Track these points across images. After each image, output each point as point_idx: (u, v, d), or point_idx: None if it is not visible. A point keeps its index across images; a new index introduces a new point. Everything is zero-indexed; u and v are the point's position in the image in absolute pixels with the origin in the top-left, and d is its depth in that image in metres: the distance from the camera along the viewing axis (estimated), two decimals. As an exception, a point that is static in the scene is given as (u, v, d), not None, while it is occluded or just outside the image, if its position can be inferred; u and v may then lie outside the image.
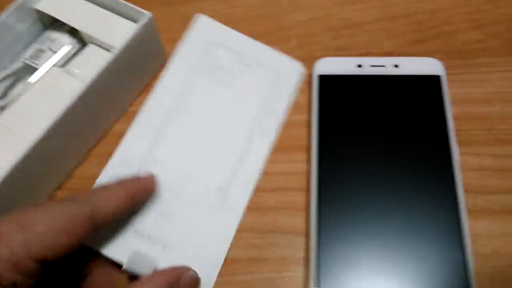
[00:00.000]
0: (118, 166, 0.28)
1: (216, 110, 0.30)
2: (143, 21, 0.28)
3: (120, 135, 0.31)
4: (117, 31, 0.30)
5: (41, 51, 0.31)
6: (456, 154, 0.27)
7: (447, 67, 0.30)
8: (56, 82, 0.29)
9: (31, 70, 0.30)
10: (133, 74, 0.31)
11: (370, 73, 0.30)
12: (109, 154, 0.30)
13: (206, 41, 0.32)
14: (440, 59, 0.30)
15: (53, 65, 0.30)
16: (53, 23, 0.32)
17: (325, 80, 0.30)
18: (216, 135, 0.29)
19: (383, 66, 0.30)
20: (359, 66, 0.30)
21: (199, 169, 0.28)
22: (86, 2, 0.31)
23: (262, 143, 0.29)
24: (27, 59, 0.30)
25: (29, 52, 0.31)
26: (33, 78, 0.29)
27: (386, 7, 0.34)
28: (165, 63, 0.33)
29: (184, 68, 0.31)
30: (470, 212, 0.26)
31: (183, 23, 0.34)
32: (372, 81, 0.30)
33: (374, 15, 0.34)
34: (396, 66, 0.30)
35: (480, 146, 0.28)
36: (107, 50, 0.30)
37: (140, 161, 0.28)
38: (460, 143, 0.28)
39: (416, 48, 0.32)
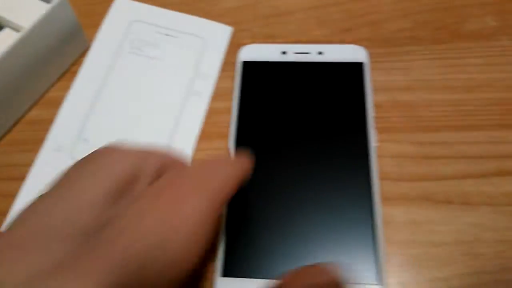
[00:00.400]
0: (51, 152, 0.28)
1: (146, 83, 0.30)
2: (55, 1, 0.27)
3: (35, 122, 0.30)
4: (32, 13, 0.28)
5: (-48, 35, 0.29)
6: (373, 141, 0.26)
7: (374, 55, 0.30)
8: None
9: None
10: (47, 58, 0.29)
11: (294, 60, 0.29)
12: (22, 142, 0.29)
13: (126, 20, 0.33)
14: (367, 47, 0.30)
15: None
16: (-32, 6, 0.31)
17: (248, 66, 0.29)
18: (149, 105, 0.30)
19: (307, 53, 0.30)
20: (284, 53, 0.30)
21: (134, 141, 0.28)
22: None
23: (196, 104, 0.30)
24: None
25: None
26: None
27: (318, -5, 0.34)
28: (87, 48, 0.32)
29: (106, 49, 0.32)
30: (387, 199, 0.26)
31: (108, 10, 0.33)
32: (295, 68, 0.29)
33: (305, 3, 0.33)
34: (320, 53, 0.30)
35: (402, 133, 0.28)
36: (22, 33, 0.29)
37: (71, 145, 0.28)
38: (382, 130, 0.27)
39: (346, 36, 0.32)
